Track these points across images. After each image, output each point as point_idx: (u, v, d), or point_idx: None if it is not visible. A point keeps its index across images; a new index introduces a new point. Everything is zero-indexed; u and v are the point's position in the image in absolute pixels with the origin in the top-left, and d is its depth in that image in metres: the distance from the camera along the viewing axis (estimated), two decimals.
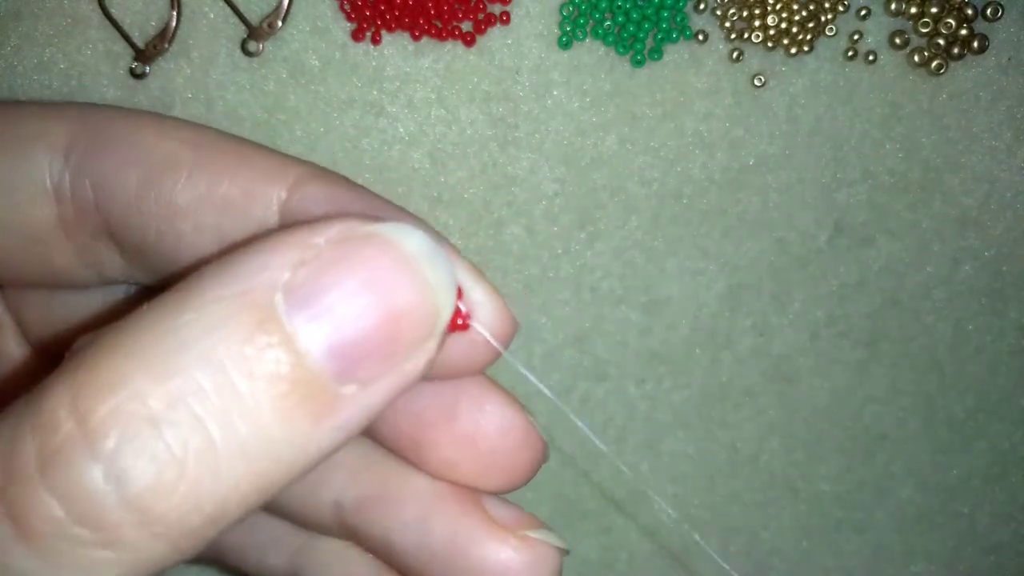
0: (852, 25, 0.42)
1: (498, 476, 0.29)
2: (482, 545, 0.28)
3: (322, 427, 0.21)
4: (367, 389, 0.21)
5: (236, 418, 0.20)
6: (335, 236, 0.21)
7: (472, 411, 0.29)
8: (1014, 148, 0.43)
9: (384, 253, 0.21)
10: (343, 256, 0.21)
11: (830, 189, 0.43)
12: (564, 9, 0.41)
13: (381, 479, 0.30)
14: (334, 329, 0.21)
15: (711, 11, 0.41)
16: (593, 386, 0.46)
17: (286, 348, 0.20)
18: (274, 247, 0.21)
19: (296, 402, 0.20)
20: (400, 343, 0.22)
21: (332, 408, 0.21)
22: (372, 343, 0.21)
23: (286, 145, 0.42)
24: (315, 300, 0.21)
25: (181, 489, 0.19)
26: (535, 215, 0.43)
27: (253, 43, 0.41)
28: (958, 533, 0.49)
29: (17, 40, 0.41)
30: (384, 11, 0.40)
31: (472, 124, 0.42)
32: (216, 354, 0.20)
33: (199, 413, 0.20)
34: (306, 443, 0.21)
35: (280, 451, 0.21)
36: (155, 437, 0.19)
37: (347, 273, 0.21)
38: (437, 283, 0.22)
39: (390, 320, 0.21)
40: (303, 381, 0.21)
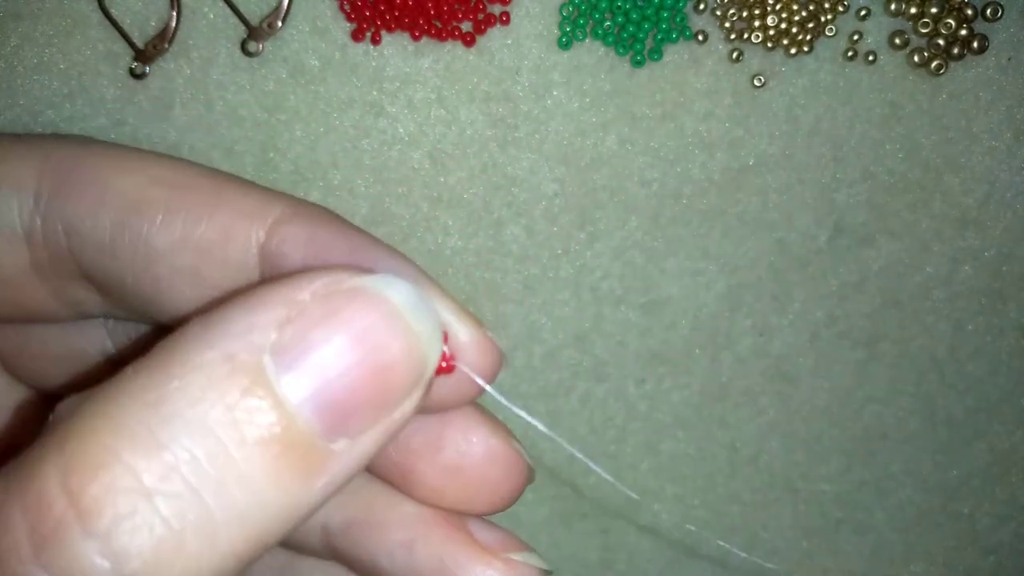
0: (852, 25, 0.42)
1: (484, 501, 0.30)
2: (468, 568, 0.29)
3: (315, 484, 0.21)
4: (356, 441, 0.21)
5: (231, 485, 0.20)
6: (320, 291, 0.21)
7: (458, 441, 0.29)
8: (1014, 148, 0.43)
9: (370, 308, 0.21)
10: (329, 313, 0.21)
11: (830, 189, 0.43)
12: (564, 9, 0.41)
13: (368, 504, 0.30)
14: (323, 388, 0.21)
15: (711, 11, 0.41)
16: (593, 386, 0.46)
17: (277, 411, 0.20)
18: (259, 305, 0.21)
19: (289, 463, 0.20)
20: (389, 395, 0.22)
21: (324, 465, 0.21)
22: (361, 399, 0.21)
23: (286, 145, 0.42)
24: (303, 360, 0.21)
25: (180, 561, 0.19)
26: (535, 215, 0.43)
27: (253, 43, 0.41)
28: (958, 533, 0.49)
29: (17, 40, 0.41)
30: (384, 11, 0.40)
31: (472, 124, 0.42)
32: (207, 421, 0.20)
33: (194, 483, 0.19)
34: (299, 501, 0.21)
35: (274, 511, 0.21)
36: (151, 511, 0.19)
37: (334, 331, 0.21)
38: (423, 334, 0.22)
39: (378, 375, 0.21)
40: (295, 442, 0.20)
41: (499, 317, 0.45)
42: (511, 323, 0.45)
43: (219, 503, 0.20)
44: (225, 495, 0.20)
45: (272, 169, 0.42)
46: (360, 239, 0.28)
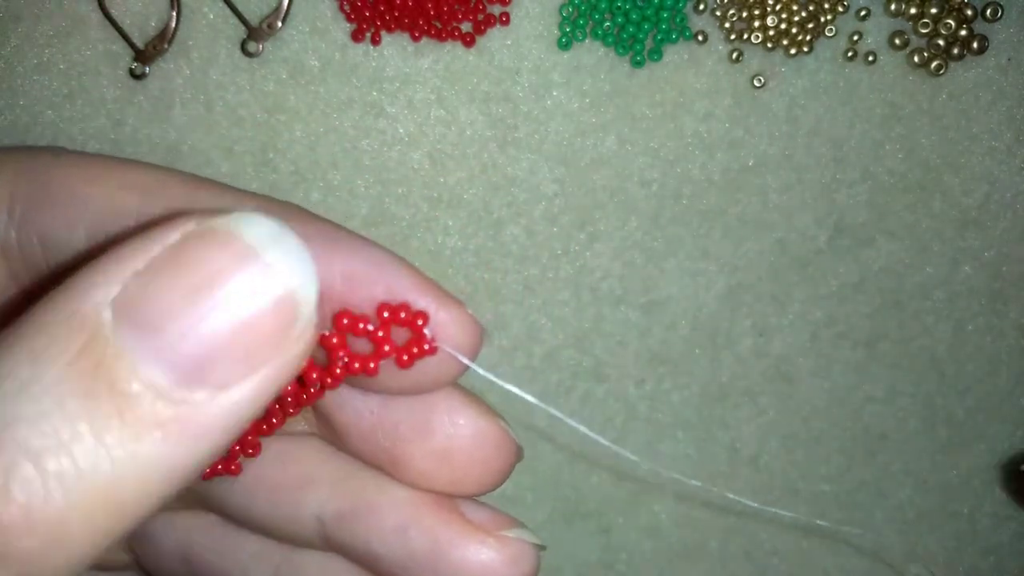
0: (852, 26, 0.41)
1: (474, 482, 0.30)
2: (462, 547, 0.29)
3: (176, 440, 0.20)
4: (226, 393, 0.20)
5: (70, 442, 0.19)
6: (170, 241, 0.20)
7: (445, 424, 0.29)
8: (1014, 148, 0.43)
9: (221, 250, 0.20)
10: (176, 261, 0.20)
11: (830, 190, 0.43)
12: (564, 10, 0.41)
13: (359, 491, 0.30)
14: (169, 340, 0.19)
15: (711, 12, 0.41)
16: (593, 386, 0.46)
17: (119, 363, 0.19)
18: (106, 262, 0.20)
19: (139, 416, 0.19)
20: (254, 341, 0.20)
21: (182, 420, 0.20)
22: (217, 348, 0.20)
23: (286, 145, 0.42)
24: (148, 311, 0.20)
25: (38, 531, 0.19)
26: (535, 215, 0.43)
27: (253, 44, 0.41)
28: (958, 533, 0.49)
29: (17, 41, 0.41)
30: (384, 12, 0.40)
31: (472, 125, 0.42)
32: (43, 378, 0.19)
33: (27, 442, 0.19)
34: (163, 460, 0.20)
35: (129, 470, 0.19)
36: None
37: (180, 278, 0.20)
38: (287, 270, 0.20)
39: (235, 320, 0.20)
40: (142, 394, 0.19)
41: (499, 317, 0.45)
42: (511, 323, 0.45)
43: (55, 464, 0.19)
44: (63, 455, 0.19)
45: (272, 169, 0.42)
46: (330, 229, 0.27)
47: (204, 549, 0.33)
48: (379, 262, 0.27)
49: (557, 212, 0.43)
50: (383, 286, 0.27)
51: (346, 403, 0.30)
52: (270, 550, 0.33)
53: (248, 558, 0.32)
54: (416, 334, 0.26)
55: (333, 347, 0.27)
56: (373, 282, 0.27)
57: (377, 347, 0.27)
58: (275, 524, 0.31)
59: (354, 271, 0.27)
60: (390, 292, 0.27)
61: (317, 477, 0.31)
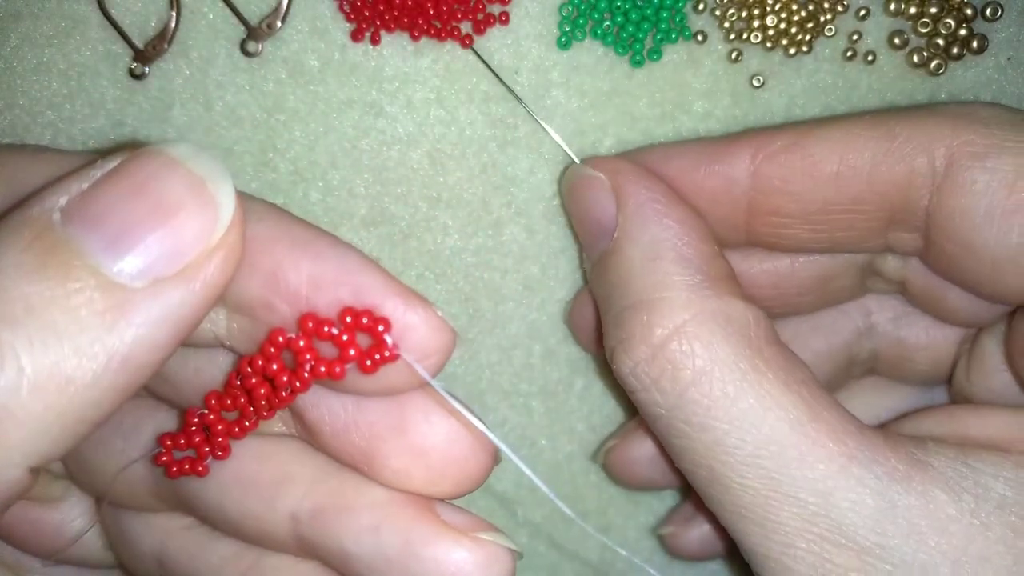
0: (851, 25, 0.41)
1: (451, 482, 0.30)
2: (435, 547, 0.29)
3: (117, 321, 0.22)
4: (162, 284, 0.23)
5: (23, 316, 0.21)
6: (109, 166, 0.24)
7: (420, 423, 0.29)
8: None
9: (150, 161, 0.24)
10: (114, 173, 0.23)
11: None
12: (563, 9, 0.41)
13: (336, 490, 0.30)
14: (107, 226, 0.23)
15: (710, 11, 0.41)
16: (592, 382, 0.46)
17: (63, 253, 0.22)
18: (56, 183, 0.24)
19: (84, 299, 0.22)
20: (179, 232, 0.23)
21: (123, 301, 0.22)
22: (147, 234, 0.23)
23: (285, 145, 0.42)
24: (88, 209, 0.23)
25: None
26: (535, 215, 0.43)
27: (252, 43, 0.41)
28: None
29: (17, 41, 0.41)
30: (383, 11, 0.40)
31: (471, 124, 0.42)
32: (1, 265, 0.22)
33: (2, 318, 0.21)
34: (105, 339, 0.22)
35: (77, 351, 0.22)
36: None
37: (116, 182, 0.23)
38: (206, 175, 0.24)
39: (161, 210, 0.23)
40: (84, 278, 0.22)
41: (499, 317, 0.45)
42: (511, 323, 0.45)
43: (25, 351, 0.21)
44: (20, 327, 0.22)
45: (271, 169, 0.42)
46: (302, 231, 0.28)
47: (178, 551, 0.33)
48: (347, 264, 0.27)
49: (557, 212, 0.43)
50: (350, 288, 0.27)
51: (320, 402, 0.30)
52: (242, 554, 0.32)
53: (219, 561, 0.32)
54: (377, 340, 0.26)
55: (300, 350, 0.27)
56: (340, 284, 0.27)
57: (341, 351, 0.27)
58: (249, 522, 0.31)
59: (322, 273, 0.27)
60: (357, 295, 0.27)
61: (294, 475, 0.30)
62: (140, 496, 0.32)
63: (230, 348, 0.29)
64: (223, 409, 0.29)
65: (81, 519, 0.35)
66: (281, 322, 0.27)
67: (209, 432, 0.30)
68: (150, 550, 0.33)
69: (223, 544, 0.33)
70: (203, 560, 0.33)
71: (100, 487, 0.33)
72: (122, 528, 0.34)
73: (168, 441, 0.30)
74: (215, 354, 0.31)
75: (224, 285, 0.24)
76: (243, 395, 0.29)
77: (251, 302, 0.27)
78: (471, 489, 0.30)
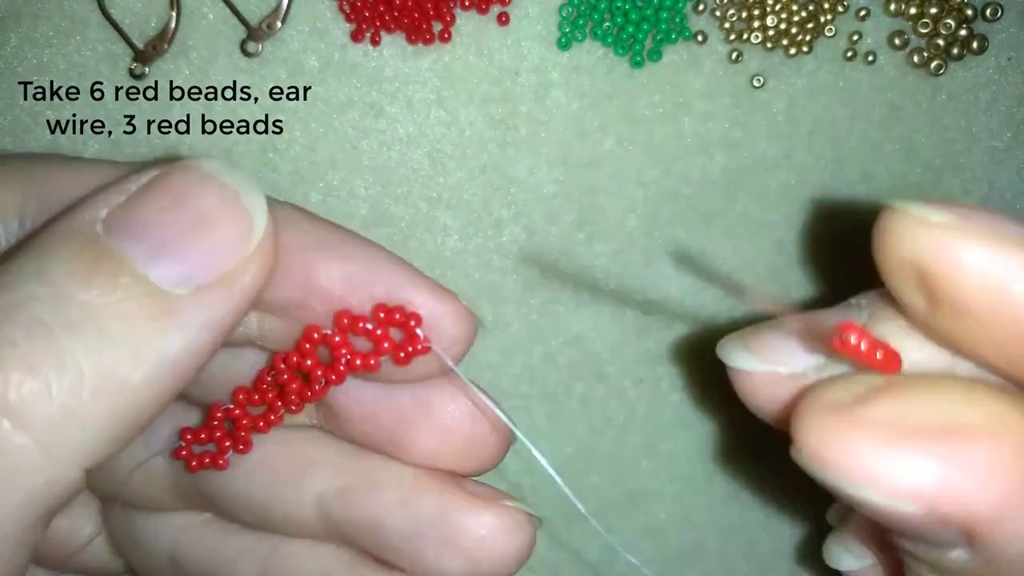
0: (851, 25, 0.41)
1: (475, 459, 0.32)
2: (466, 515, 0.31)
3: (166, 326, 0.23)
4: (204, 291, 0.24)
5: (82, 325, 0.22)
6: (144, 179, 0.25)
7: (446, 404, 0.31)
8: (1013, 148, 0.43)
9: (186, 175, 0.24)
10: (151, 186, 0.24)
11: (830, 189, 0.43)
12: (563, 10, 0.41)
13: (362, 470, 0.32)
14: (149, 236, 0.23)
15: (710, 12, 0.41)
16: (592, 386, 0.46)
17: (109, 262, 0.23)
18: (94, 195, 0.24)
19: (135, 306, 0.23)
20: (217, 242, 0.24)
21: (169, 307, 0.23)
22: (188, 244, 0.24)
23: (285, 146, 0.42)
24: (129, 221, 0.24)
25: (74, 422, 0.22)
26: (535, 216, 0.43)
27: (252, 44, 0.41)
28: None
29: (17, 41, 0.41)
30: (383, 12, 0.40)
31: (471, 125, 0.42)
32: (49, 275, 0.23)
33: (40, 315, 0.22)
34: (155, 343, 0.23)
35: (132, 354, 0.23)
36: (41, 382, 0.22)
37: (154, 195, 0.24)
38: (239, 189, 0.24)
39: (200, 222, 0.24)
40: (131, 286, 0.23)
41: (499, 317, 0.45)
42: (511, 323, 0.45)
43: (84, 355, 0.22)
44: (83, 344, 0.22)
45: (271, 169, 0.42)
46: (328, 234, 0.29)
47: (192, 547, 0.33)
48: (377, 263, 0.29)
49: (557, 212, 0.43)
50: (382, 286, 0.28)
51: (348, 389, 0.31)
52: (258, 545, 0.33)
53: (235, 554, 0.33)
54: (410, 334, 0.28)
55: (336, 345, 0.28)
56: (372, 283, 0.28)
57: (376, 345, 0.28)
58: (275, 506, 0.32)
59: (353, 273, 0.28)
60: (388, 291, 0.28)
61: (319, 459, 0.32)
62: (157, 494, 0.33)
63: (260, 346, 0.30)
64: (250, 404, 0.30)
65: (90, 525, 0.35)
66: (315, 320, 0.28)
67: (233, 426, 0.31)
68: (163, 550, 0.34)
69: (239, 537, 0.33)
70: (220, 554, 0.33)
71: (115, 486, 0.33)
72: (134, 529, 0.34)
73: (189, 436, 0.31)
74: (240, 352, 0.32)
75: (259, 291, 0.25)
76: (272, 390, 0.30)
77: (287, 304, 0.28)
78: (492, 466, 0.32)
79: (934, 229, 0.20)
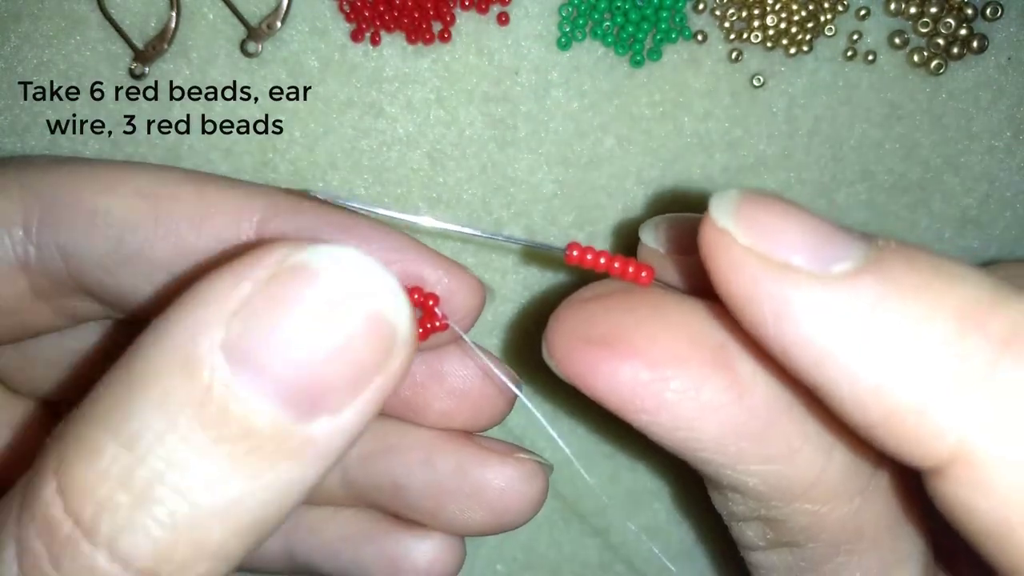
0: (851, 25, 0.41)
1: (486, 416, 0.34)
2: (485, 468, 0.33)
3: (302, 463, 0.21)
4: (339, 417, 0.21)
5: (215, 481, 0.20)
6: (263, 277, 0.21)
7: (458, 368, 0.33)
8: (1014, 147, 0.43)
9: (313, 287, 0.21)
10: (272, 300, 0.21)
11: (829, 189, 0.43)
12: (563, 10, 0.41)
13: (380, 436, 0.34)
14: (282, 377, 0.20)
15: (710, 11, 0.41)
16: None
17: (241, 407, 0.20)
18: (204, 302, 0.21)
19: (269, 452, 0.21)
20: (360, 366, 0.21)
21: (305, 445, 0.21)
22: (326, 378, 0.21)
23: (285, 146, 0.42)
24: (255, 355, 0.20)
25: (180, 552, 0.20)
26: (534, 215, 0.43)
27: (252, 44, 0.41)
28: None
29: (17, 40, 0.41)
30: (383, 11, 0.40)
31: (471, 125, 0.42)
32: (177, 428, 0.20)
33: (178, 485, 0.20)
34: (290, 481, 0.21)
35: (267, 496, 0.21)
36: (144, 517, 0.20)
37: (280, 319, 0.20)
38: (380, 299, 0.21)
39: (338, 352, 0.21)
40: (267, 433, 0.21)
41: (498, 317, 0.45)
42: (511, 323, 0.45)
43: (205, 500, 0.20)
44: (210, 492, 0.20)
45: (271, 169, 0.42)
46: (343, 219, 0.30)
47: None
48: (391, 242, 0.30)
49: (557, 212, 0.43)
50: (398, 264, 0.30)
51: None
52: None
53: None
54: (428, 312, 0.30)
55: None
56: (389, 262, 0.29)
57: None
58: None
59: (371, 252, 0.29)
60: (404, 268, 0.30)
61: None
62: None
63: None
64: None
65: None
66: None
67: None
68: None
69: None
70: None
71: None
72: None
73: None
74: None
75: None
76: None
77: None
78: (500, 421, 0.34)
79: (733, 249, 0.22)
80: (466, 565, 0.48)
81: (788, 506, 0.25)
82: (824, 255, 0.21)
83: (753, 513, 0.27)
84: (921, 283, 0.20)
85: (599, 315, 0.26)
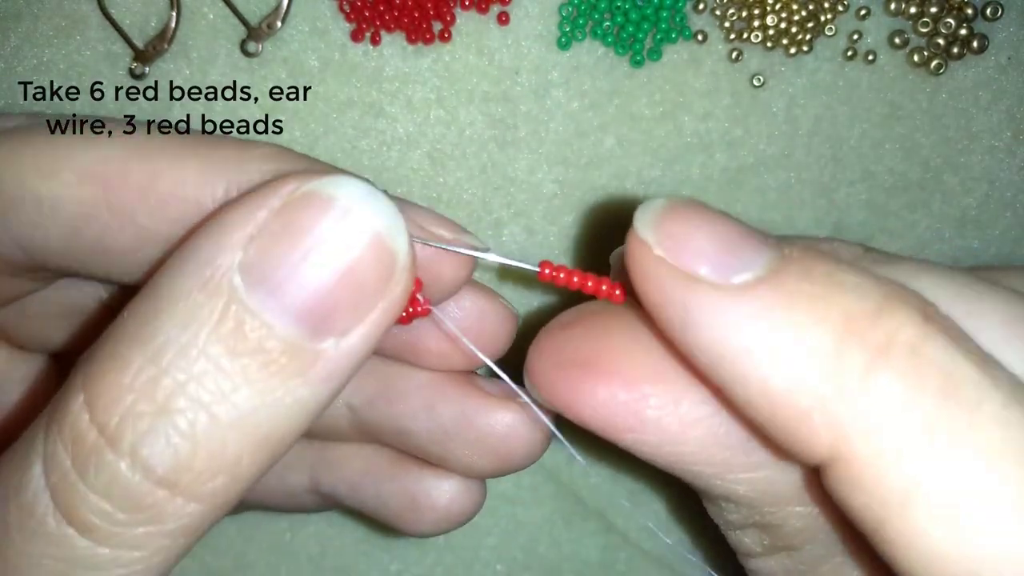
0: (852, 25, 0.41)
1: (485, 353, 0.33)
2: (487, 414, 0.34)
3: (312, 382, 0.23)
4: (346, 339, 0.23)
5: (229, 395, 0.22)
6: (277, 205, 0.23)
7: (454, 308, 0.34)
8: (1014, 147, 0.43)
9: (323, 212, 0.23)
10: (287, 224, 0.23)
11: (829, 189, 0.43)
12: (563, 9, 0.41)
13: (384, 380, 0.34)
14: (294, 296, 0.23)
15: (710, 11, 0.41)
16: None
17: (256, 324, 0.22)
18: (222, 229, 0.23)
19: (280, 367, 0.23)
20: (363, 289, 0.23)
21: (315, 364, 0.23)
22: (334, 298, 0.23)
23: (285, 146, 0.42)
24: (270, 273, 0.23)
25: (198, 461, 0.22)
26: (534, 215, 0.43)
27: (252, 44, 0.41)
28: None
29: (17, 40, 0.41)
30: (383, 11, 0.40)
31: (471, 125, 0.42)
32: (197, 344, 0.22)
33: (198, 396, 0.22)
34: (301, 399, 0.23)
35: (279, 411, 0.23)
36: (165, 426, 0.22)
37: (294, 241, 0.23)
38: (382, 226, 0.23)
39: (345, 273, 0.23)
40: (279, 349, 0.23)
41: None
42: None
43: (222, 411, 0.22)
44: (227, 403, 0.22)
45: None
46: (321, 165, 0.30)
47: None
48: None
49: (557, 212, 0.43)
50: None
51: None
52: (304, 450, 0.36)
53: (284, 460, 0.34)
54: (410, 298, 0.29)
55: None
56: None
57: None
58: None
59: None
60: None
61: None
62: None
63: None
64: None
65: None
66: None
67: None
68: None
69: None
70: None
71: None
72: None
73: None
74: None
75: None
76: None
77: None
78: (500, 354, 0.34)
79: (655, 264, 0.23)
80: (466, 565, 0.48)
81: (781, 510, 0.26)
82: (728, 265, 0.22)
83: (748, 520, 0.27)
84: (813, 293, 0.21)
85: (576, 340, 0.27)
